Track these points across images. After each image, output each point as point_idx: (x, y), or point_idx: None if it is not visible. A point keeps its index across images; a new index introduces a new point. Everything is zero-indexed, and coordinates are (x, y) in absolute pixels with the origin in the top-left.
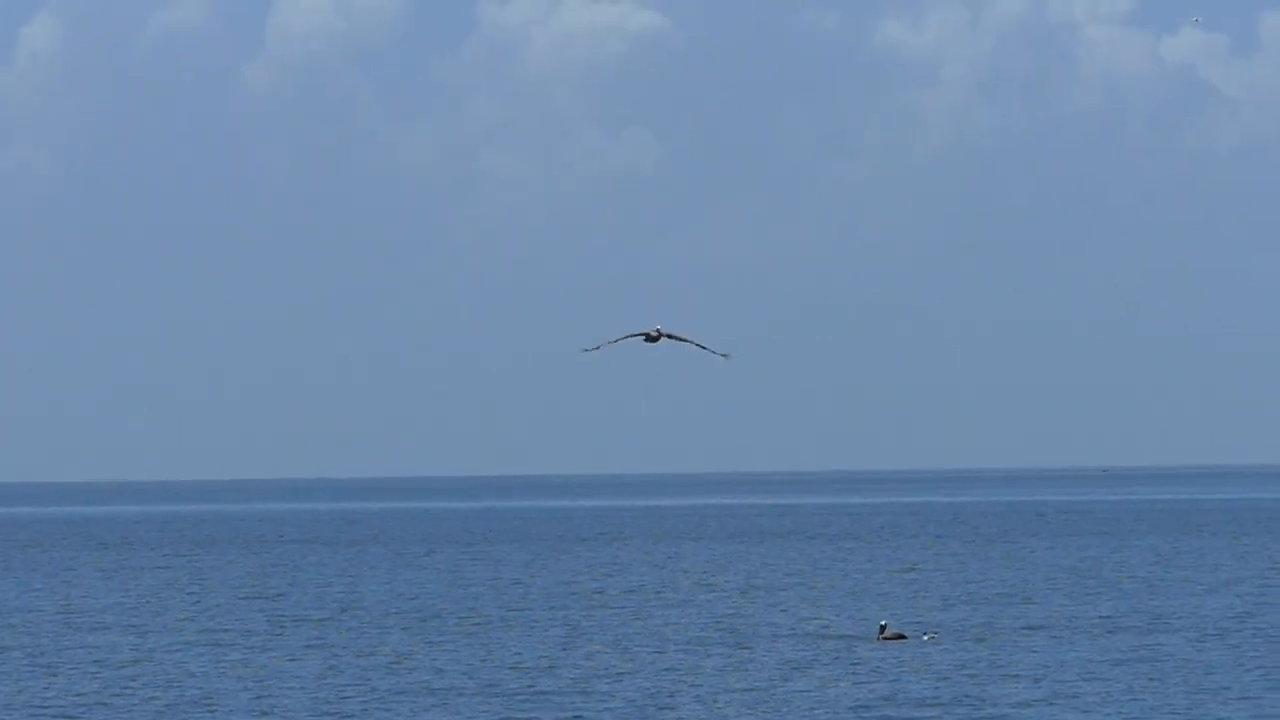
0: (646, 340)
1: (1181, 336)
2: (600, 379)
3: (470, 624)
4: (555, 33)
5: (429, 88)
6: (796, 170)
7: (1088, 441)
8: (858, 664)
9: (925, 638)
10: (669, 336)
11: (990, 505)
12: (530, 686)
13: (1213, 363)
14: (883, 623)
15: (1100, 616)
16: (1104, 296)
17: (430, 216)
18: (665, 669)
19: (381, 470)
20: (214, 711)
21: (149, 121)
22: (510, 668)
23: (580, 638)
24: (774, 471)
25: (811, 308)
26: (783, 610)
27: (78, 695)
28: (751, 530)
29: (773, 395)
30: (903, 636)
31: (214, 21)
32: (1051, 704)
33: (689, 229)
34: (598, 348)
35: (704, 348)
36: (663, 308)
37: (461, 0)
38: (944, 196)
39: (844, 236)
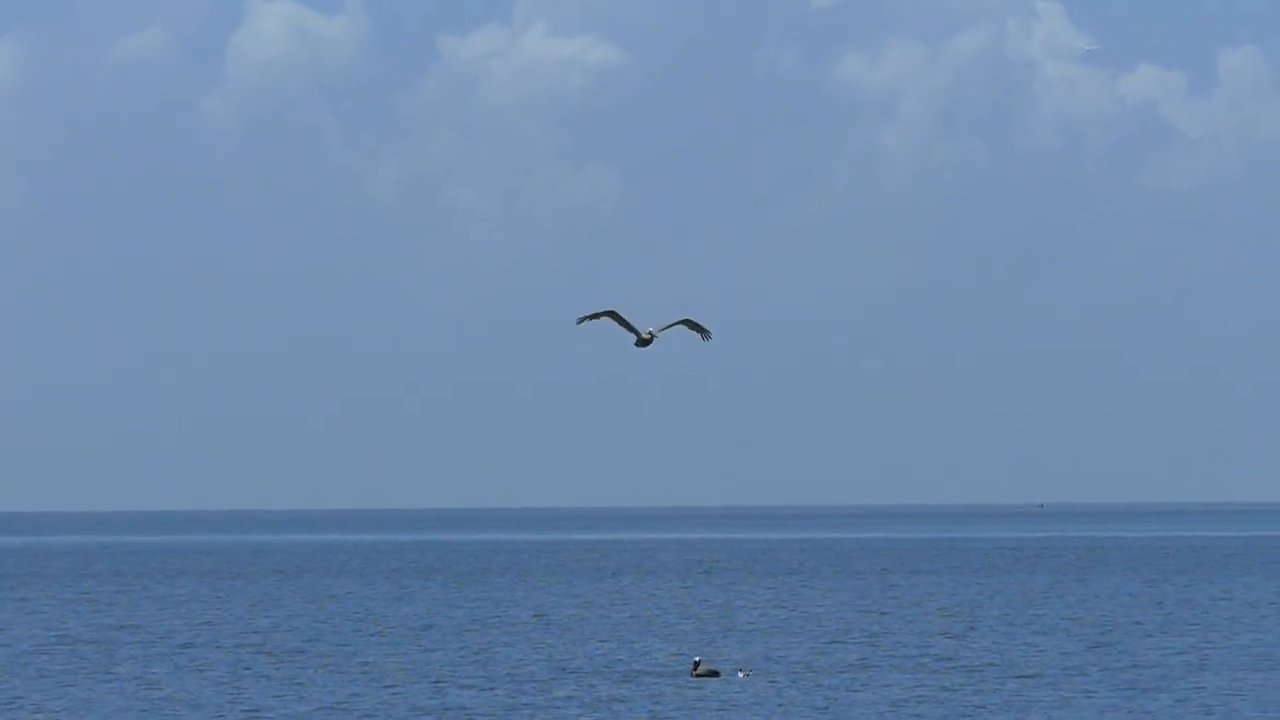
0: (639, 344)
1: (1140, 370)
2: (568, 412)
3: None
4: (516, 66)
5: (390, 120)
6: (757, 205)
7: (1045, 476)
8: (667, 701)
9: (740, 675)
10: (663, 331)
11: (883, 542)
12: None
13: (1174, 397)
14: (696, 659)
15: (931, 655)
16: (1064, 330)
17: (393, 249)
18: (468, 708)
19: (348, 503)
20: None
21: (109, 151)
22: (325, 707)
23: (383, 675)
24: (733, 506)
25: (774, 342)
26: (597, 646)
27: None
28: (594, 567)
29: (737, 429)
30: (716, 673)
31: (174, 52)
32: None
33: (651, 263)
34: (582, 320)
35: (693, 327)
36: (624, 342)
37: (422, 32)
38: (905, 232)
39: (805, 271)
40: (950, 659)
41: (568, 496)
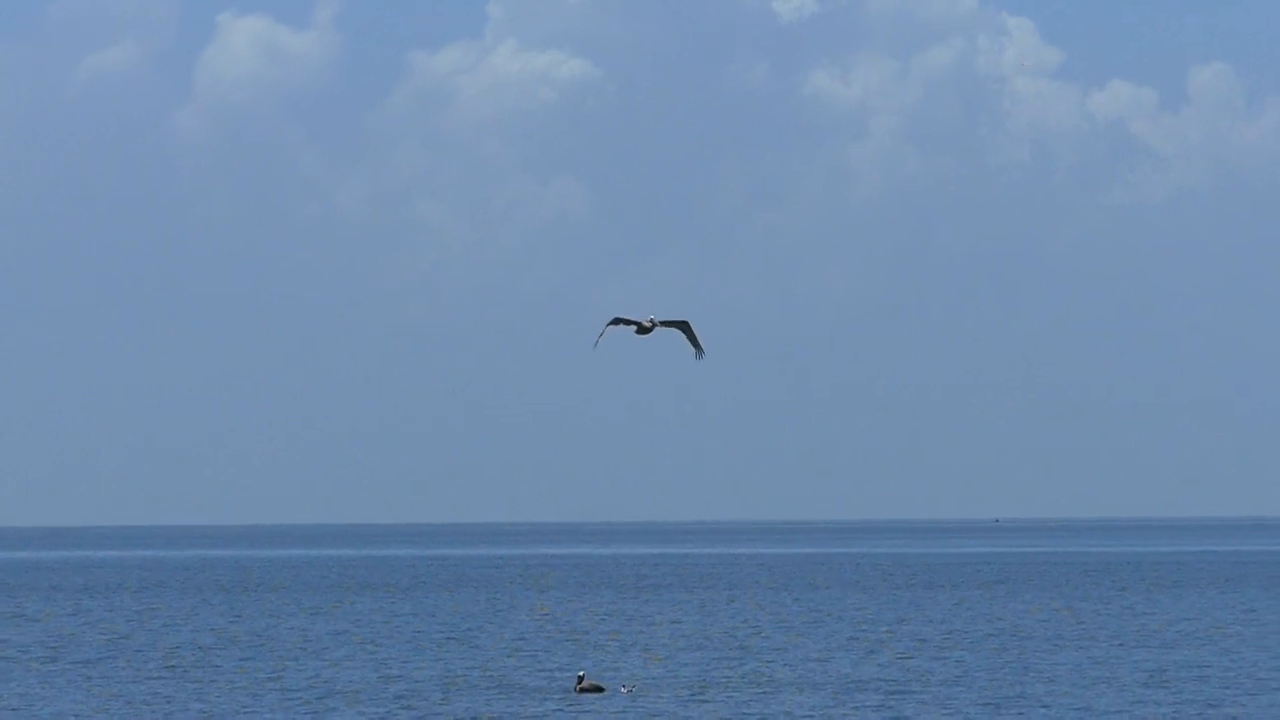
0: (639, 332)
1: (1106, 386)
2: (531, 428)
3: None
4: (486, 81)
5: (360, 135)
6: (728, 219)
7: (1013, 492)
8: (548, 717)
9: (623, 690)
10: (664, 324)
11: (811, 557)
12: None
13: (1142, 415)
14: (580, 673)
15: (831, 674)
16: (1032, 347)
17: (364, 264)
18: None
19: (310, 518)
20: None
21: (79, 166)
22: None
23: (256, 688)
24: (685, 521)
25: (744, 356)
26: (481, 660)
27: None
28: (490, 578)
29: (702, 444)
30: (600, 688)
31: (145, 67)
32: None
33: (621, 277)
34: (601, 335)
35: (694, 342)
36: (595, 354)
37: (391, 48)
38: (875, 247)
39: (775, 286)
40: (850, 677)
41: (526, 511)
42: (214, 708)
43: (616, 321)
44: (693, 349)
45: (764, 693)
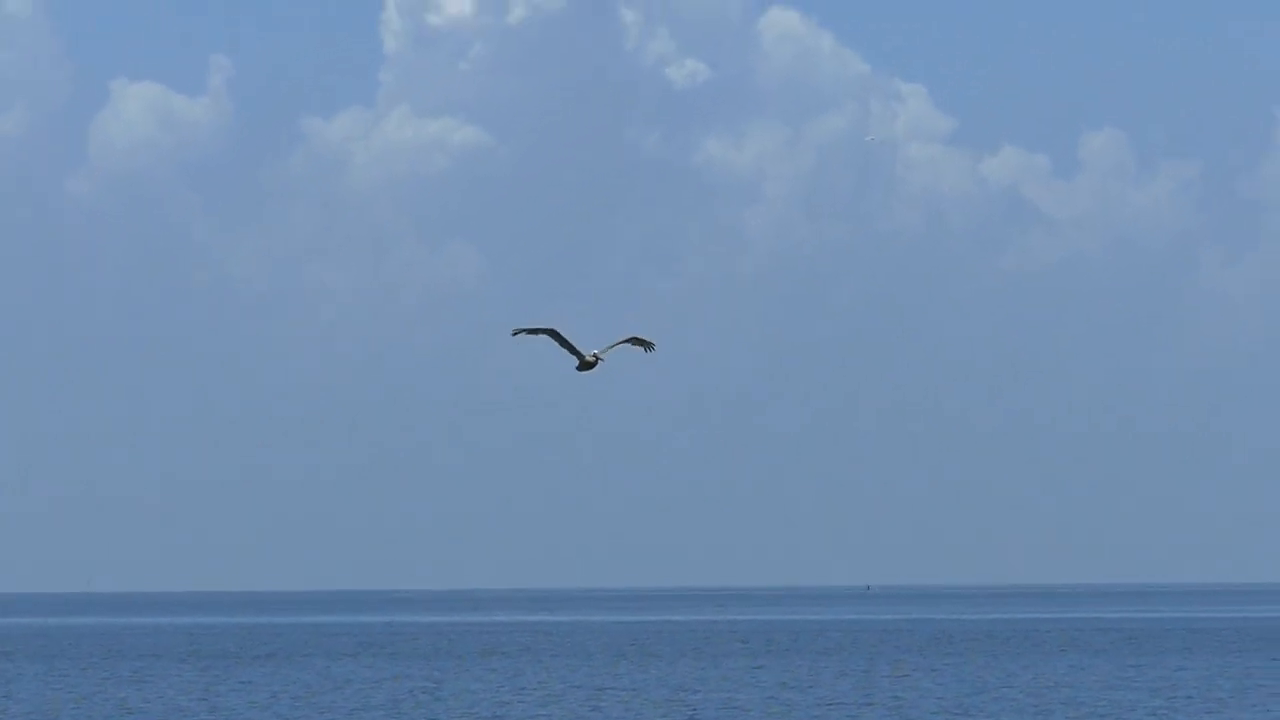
0: (581, 368)
1: (994, 452)
2: (425, 488)
3: None
4: (379, 146)
5: (254, 201)
6: (620, 286)
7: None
8: None
9: None
10: (609, 350)
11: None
12: None
13: (1027, 480)
14: None
15: None
16: (923, 409)
17: (255, 327)
18: None
19: (195, 584)
20: None
21: None
22: None
23: None
24: (606, 588)
25: (634, 421)
26: None
27: None
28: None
29: (580, 506)
30: None
31: (37, 132)
32: None
33: (513, 340)
34: (518, 332)
35: (639, 341)
36: (489, 418)
37: (285, 114)
38: (766, 312)
39: (667, 352)
40: None
41: (422, 578)
42: None
43: (553, 334)
44: (644, 349)
45: None
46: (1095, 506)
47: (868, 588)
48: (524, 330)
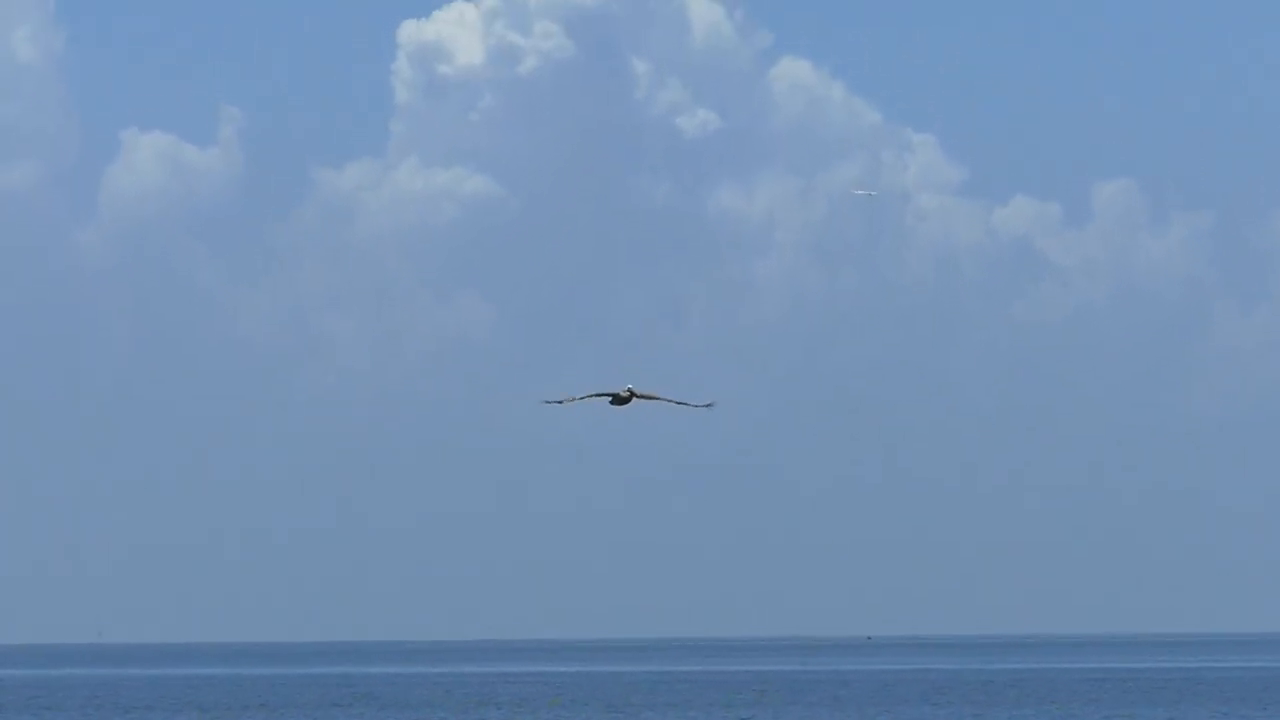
0: (614, 403)
1: (1006, 502)
2: (452, 547)
3: None
4: (388, 197)
5: (264, 252)
6: (630, 335)
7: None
8: None
9: None
10: (640, 397)
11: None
12: None
13: (1039, 527)
14: None
15: None
16: (932, 459)
17: (265, 380)
18: None
19: (211, 637)
20: None
21: None
22: None
23: None
24: (613, 638)
25: (642, 471)
26: None
27: None
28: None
29: (586, 560)
30: None
31: (48, 185)
32: None
33: (523, 392)
34: (560, 401)
35: (682, 403)
36: (500, 470)
37: (294, 165)
38: (776, 361)
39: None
40: None
41: (440, 629)
42: None
43: (596, 395)
44: (698, 407)
45: None
46: (1104, 557)
47: (869, 638)
48: (573, 400)
